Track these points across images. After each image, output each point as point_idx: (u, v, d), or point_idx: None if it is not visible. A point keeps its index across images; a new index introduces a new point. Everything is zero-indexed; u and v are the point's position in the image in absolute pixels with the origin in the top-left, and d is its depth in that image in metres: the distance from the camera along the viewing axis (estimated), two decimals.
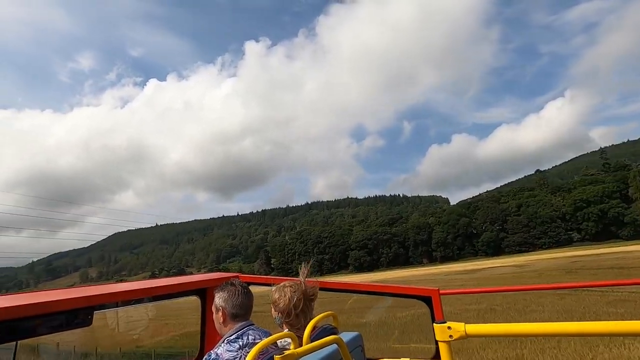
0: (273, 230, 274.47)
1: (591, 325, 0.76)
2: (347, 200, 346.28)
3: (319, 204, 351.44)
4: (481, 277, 36.04)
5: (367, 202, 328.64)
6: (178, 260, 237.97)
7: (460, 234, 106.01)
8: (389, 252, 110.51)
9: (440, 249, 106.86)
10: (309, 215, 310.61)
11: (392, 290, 2.00)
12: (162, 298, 1.99)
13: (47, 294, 1.61)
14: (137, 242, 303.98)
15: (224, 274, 2.52)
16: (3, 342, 1.30)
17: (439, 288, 1.90)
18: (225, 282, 1.80)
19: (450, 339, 0.97)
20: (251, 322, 1.74)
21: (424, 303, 1.82)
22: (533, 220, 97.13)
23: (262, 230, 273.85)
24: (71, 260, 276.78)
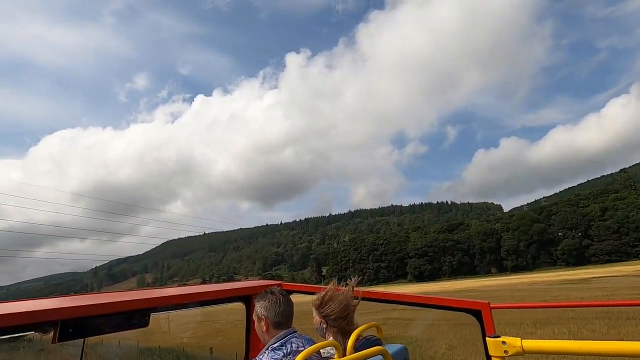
0: (317, 238, 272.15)
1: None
2: (391, 208, 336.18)
3: (362, 212, 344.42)
4: (596, 287, 28.34)
5: (412, 210, 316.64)
6: (226, 267, 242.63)
7: (535, 241, 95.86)
8: (451, 260, 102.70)
9: (511, 258, 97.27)
10: (352, 224, 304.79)
11: (439, 303, 1.90)
12: (209, 303, 2.08)
13: (109, 295, 1.75)
14: (187, 249, 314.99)
15: (267, 281, 2.54)
16: (73, 338, 1.40)
17: (489, 301, 1.77)
18: (265, 291, 1.80)
19: (505, 355, 0.92)
20: (294, 329, 1.74)
21: (474, 317, 1.75)
22: (625, 225, 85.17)
23: (306, 239, 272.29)
24: (129, 266, 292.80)
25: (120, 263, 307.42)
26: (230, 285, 2.45)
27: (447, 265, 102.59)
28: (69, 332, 1.38)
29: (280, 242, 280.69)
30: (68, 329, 1.38)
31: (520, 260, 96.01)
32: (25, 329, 1.30)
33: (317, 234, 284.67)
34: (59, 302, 1.52)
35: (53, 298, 1.69)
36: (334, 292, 1.76)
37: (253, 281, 2.63)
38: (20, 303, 1.51)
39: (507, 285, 49.36)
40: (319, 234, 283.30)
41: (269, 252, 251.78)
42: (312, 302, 1.78)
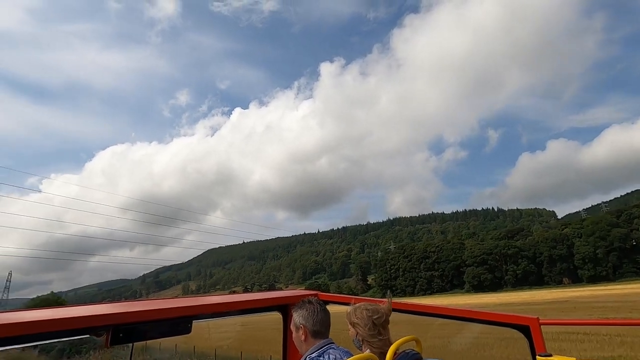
0: (356, 247, 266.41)
1: None
2: (432, 216, 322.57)
3: (402, 220, 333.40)
4: None
5: (455, 217, 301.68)
6: (266, 276, 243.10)
7: (615, 248, 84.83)
8: (515, 269, 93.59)
9: (587, 267, 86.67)
10: (392, 232, 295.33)
11: (483, 317, 1.82)
12: (248, 312, 2.13)
13: (155, 303, 1.84)
14: (227, 258, 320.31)
15: (304, 291, 2.56)
16: (124, 342, 1.49)
17: (539, 317, 1.70)
18: (302, 300, 1.81)
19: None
20: (331, 340, 1.73)
21: (521, 333, 1.68)
22: None
23: (344, 247, 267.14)
24: (174, 273, 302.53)
25: (166, 271, 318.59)
26: (268, 294, 2.48)
27: (510, 275, 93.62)
28: (120, 336, 1.47)
29: (319, 250, 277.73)
30: (119, 333, 1.47)
31: (599, 269, 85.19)
32: (82, 332, 1.40)
33: (355, 243, 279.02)
34: (111, 308, 1.62)
35: (106, 304, 1.80)
36: (366, 304, 1.74)
37: (290, 291, 2.66)
38: (78, 308, 1.61)
39: (584, 297, 42.81)
40: (358, 243, 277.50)
41: (308, 261, 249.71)
42: (346, 314, 1.77)
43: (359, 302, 1.80)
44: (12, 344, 1.22)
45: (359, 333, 1.69)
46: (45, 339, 1.30)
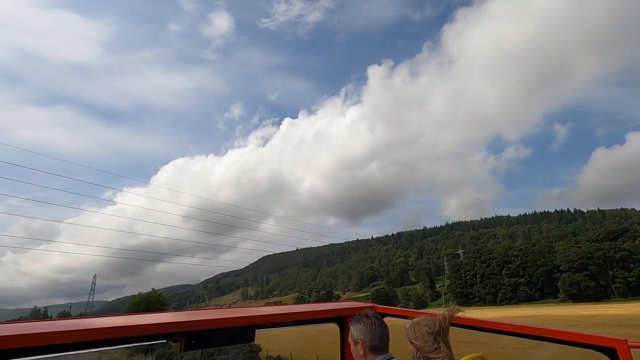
0: (414, 253, 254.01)
1: None
2: (496, 219, 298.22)
3: (462, 224, 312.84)
4: None
5: (523, 220, 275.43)
6: (322, 282, 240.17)
7: None
8: (627, 275, 79.09)
9: None
10: (451, 237, 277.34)
11: (561, 336, 1.69)
12: (305, 323, 2.17)
13: (222, 312, 1.99)
14: (282, 264, 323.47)
15: (360, 303, 2.57)
16: (195, 349, 1.61)
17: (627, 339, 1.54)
18: (359, 314, 1.79)
19: None
20: (391, 355, 1.70)
21: (607, 356, 1.56)
22: None
23: (401, 253, 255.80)
24: (232, 279, 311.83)
25: (225, 277, 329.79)
26: (325, 306, 2.53)
27: (620, 282, 79.30)
28: (192, 343, 1.59)
29: (374, 257, 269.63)
30: (192, 340, 1.59)
31: None
32: (161, 337, 1.55)
33: (412, 249, 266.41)
34: (185, 316, 1.78)
35: (180, 312, 1.97)
36: (423, 318, 1.69)
37: (347, 302, 2.70)
38: (157, 315, 1.79)
39: None
40: (415, 249, 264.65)
41: (364, 268, 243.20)
42: (404, 331, 1.73)
43: (417, 316, 1.75)
44: (106, 346, 1.39)
45: (418, 350, 1.64)
46: (132, 342, 1.47)
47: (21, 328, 1.31)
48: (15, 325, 1.40)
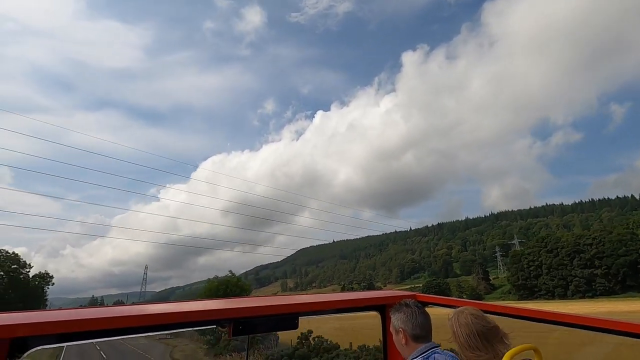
0: (456, 244, 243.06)
1: None
2: (547, 208, 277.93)
3: (508, 214, 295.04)
4: None
5: (580, 208, 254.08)
6: (361, 274, 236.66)
7: None
8: None
9: None
10: (497, 227, 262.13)
11: (619, 327, 1.59)
12: (347, 311, 2.25)
13: (267, 299, 2.08)
14: (319, 257, 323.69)
15: (402, 292, 2.60)
16: (243, 334, 1.72)
17: None
18: (399, 303, 1.80)
19: None
20: (435, 344, 1.68)
21: None
22: None
23: (443, 245, 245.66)
24: (271, 271, 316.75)
25: (264, 269, 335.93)
26: (366, 294, 2.58)
27: None
28: (240, 329, 1.69)
29: (414, 249, 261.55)
30: (239, 326, 1.69)
31: None
32: (212, 323, 1.66)
33: (455, 240, 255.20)
34: (233, 303, 1.91)
35: (229, 299, 2.12)
36: (472, 309, 1.63)
37: (387, 291, 2.72)
38: (206, 302, 1.95)
39: None
40: (458, 240, 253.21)
41: (404, 260, 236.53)
42: (448, 318, 1.69)
43: (461, 306, 1.71)
44: (164, 330, 1.56)
45: (461, 340, 1.57)
46: (189, 326, 1.59)
47: (88, 313, 1.46)
48: (82, 311, 1.55)
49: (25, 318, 1.29)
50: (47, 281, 69.28)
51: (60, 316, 1.36)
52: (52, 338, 1.27)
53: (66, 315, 1.39)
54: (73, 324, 1.29)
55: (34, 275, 67.24)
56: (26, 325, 1.22)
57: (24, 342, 1.23)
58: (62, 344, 1.29)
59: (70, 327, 1.28)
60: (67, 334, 1.28)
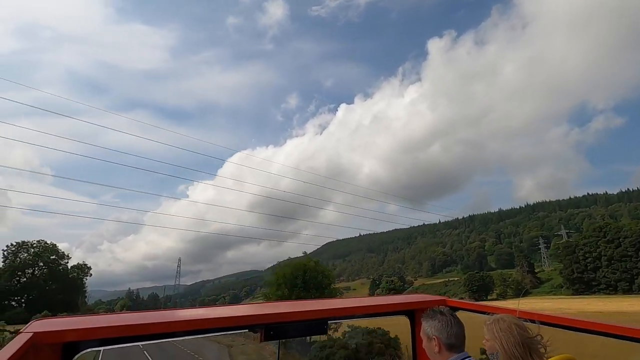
0: (490, 236, 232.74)
1: None
2: (590, 198, 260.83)
3: (545, 204, 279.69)
4: None
5: (627, 197, 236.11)
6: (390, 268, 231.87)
7: None
8: None
9: None
10: (534, 218, 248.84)
11: None
12: (375, 315, 2.24)
13: (295, 304, 2.17)
14: (346, 251, 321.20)
15: (431, 296, 2.60)
16: (273, 339, 1.78)
17: None
18: (432, 310, 1.76)
19: None
20: (468, 354, 1.65)
21: None
22: None
23: (475, 237, 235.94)
24: None
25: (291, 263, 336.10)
26: (395, 298, 2.58)
27: None
28: (271, 334, 1.75)
29: (444, 241, 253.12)
30: (270, 331, 1.75)
31: None
32: (244, 328, 1.76)
33: (488, 232, 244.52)
34: (264, 309, 1.97)
35: (259, 304, 2.21)
36: (514, 318, 1.57)
37: (417, 295, 2.74)
38: (238, 307, 2.05)
39: None
40: (492, 232, 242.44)
41: (435, 253, 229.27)
42: (485, 324, 1.65)
43: (495, 312, 1.67)
44: (200, 334, 1.63)
45: (497, 350, 1.51)
46: (222, 331, 1.69)
47: (128, 319, 1.58)
48: (123, 316, 1.69)
49: (74, 324, 1.44)
50: (85, 272, 69.59)
51: (103, 321, 1.54)
52: (97, 342, 1.39)
53: (109, 321, 1.56)
54: (115, 329, 1.44)
55: (72, 267, 67.60)
56: (75, 330, 1.36)
57: (74, 346, 1.36)
58: (106, 347, 1.41)
59: (112, 332, 1.42)
60: (110, 339, 1.41)
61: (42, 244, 60.61)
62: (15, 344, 1.16)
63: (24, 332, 1.29)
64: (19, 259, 57.88)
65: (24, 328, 1.35)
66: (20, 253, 57.98)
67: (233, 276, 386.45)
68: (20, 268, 58.04)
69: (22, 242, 58.43)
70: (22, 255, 58.15)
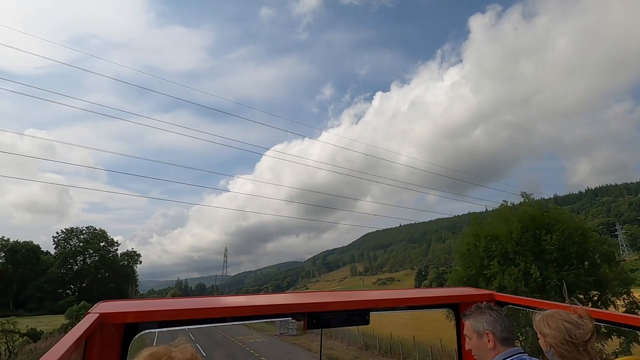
0: None
1: None
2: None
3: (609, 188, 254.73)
4: None
5: None
6: (436, 259, 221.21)
7: None
8: None
9: None
10: (597, 204, 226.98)
11: None
12: (418, 308, 2.22)
13: (340, 294, 2.21)
14: (387, 241, 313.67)
15: (478, 290, 2.55)
16: (316, 328, 1.83)
17: None
18: (477, 306, 1.72)
19: None
20: (521, 349, 1.58)
21: None
22: None
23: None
24: (338, 256, 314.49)
25: (330, 254, 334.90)
26: (439, 291, 2.57)
27: None
28: (313, 322, 1.80)
29: None
30: (313, 320, 1.80)
31: None
32: (288, 315, 1.81)
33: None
34: (307, 297, 2.06)
35: (303, 293, 2.26)
36: (563, 313, 1.49)
37: (462, 288, 2.69)
38: (283, 295, 2.14)
39: None
40: None
41: None
42: (534, 321, 1.58)
43: (545, 308, 1.61)
44: (248, 320, 1.78)
45: (551, 346, 1.45)
46: (266, 317, 1.79)
47: (182, 303, 1.74)
48: (178, 301, 1.84)
49: (134, 306, 1.59)
50: (135, 260, 69.14)
51: (160, 305, 1.66)
52: (155, 324, 1.52)
53: (164, 305, 1.69)
54: (170, 313, 1.57)
55: (122, 254, 67.38)
56: (136, 312, 1.50)
57: (135, 327, 1.49)
58: (161, 329, 1.52)
59: (167, 315, 1.55)
60: (165, 322, 1.53)
61: (91, 230, 60.62)
62: (85, 322, 1.28)
63: (92, 312, 1.42)
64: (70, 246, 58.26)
65: (92, 309, 1.49)
66: (70, 239, 58.36)
67: (274, 267, 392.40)
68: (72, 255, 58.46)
69: (72, 228, 59.22)
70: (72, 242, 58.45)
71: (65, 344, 1.01)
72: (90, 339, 1.31)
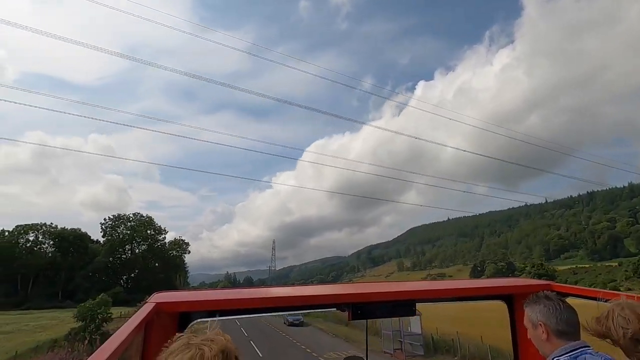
0: (622, 215, 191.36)
1: None
2: None
3: None
4: None
5: None
6: (491, 253, 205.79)
7: None
8: None
9: None
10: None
11: None
12: (468, 299, 2.10)
13: (385, 285, 2.17)
14: (434, 235, 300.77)
15: (534, 280, 2.38)
16: (360, 319, 1.80)
17: None
18: (536, 295, 1.59)
19: None
20: (586, 343, 1.45)
21: None
22: None
23: (601, 217, 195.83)
24: (383, 251, 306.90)
25: (374, 249, 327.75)
26: (490, 282, 2.44)
27: None
28: (358, 313, 1.77)
29: (557, 223, 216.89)
30: (357, 311, 1.77)
31: None
32: (332, 306, 1.81)
33: (618, 211, 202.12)
34: (351, 288, 2.06)
35: (347, 284, 2.23)
36: (626, 304, 1.38)
37: (516, 279, 2.56)
38: (327, 287, 2.17)
39: None
40: (623, 211, 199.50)
41: (548, 236, 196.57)
42: (600, 313, 1.46)
43: (611, 298, 1.47)
44: (294, 310, 1.77)
45: (619, 339, 1.34)
46: (314, 308, 1.80)
47: (232, 294, 1.77)
48: (230, 291, 1.87)
49: (188, 296, 1.67)
50: (183, 249, 67.67)
51: (212, 296, 1.73)
52: (207, 314, 1.57)
53: (216, 295, 1.75)
54: (220, 303, 1.61)
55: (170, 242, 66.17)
56: (189, 302, 1.60)
57: (188, 316, 1.55)
58: (213, 318, 1.52)
59: (218, 305, 1.59)
60: (217, 311, 1.56)
61: (137, 216, 59.90)
62: (143, 311, 1.35)
63: (149, 301, 1.49)
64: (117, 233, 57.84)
65: (149, 298, 1.57)
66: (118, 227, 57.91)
67: (317, 262, 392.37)
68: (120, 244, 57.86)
69: (119, 214, 58.86)
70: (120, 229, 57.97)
71: (129, 327, 1.09)
72: (148, 325, 1.38)
